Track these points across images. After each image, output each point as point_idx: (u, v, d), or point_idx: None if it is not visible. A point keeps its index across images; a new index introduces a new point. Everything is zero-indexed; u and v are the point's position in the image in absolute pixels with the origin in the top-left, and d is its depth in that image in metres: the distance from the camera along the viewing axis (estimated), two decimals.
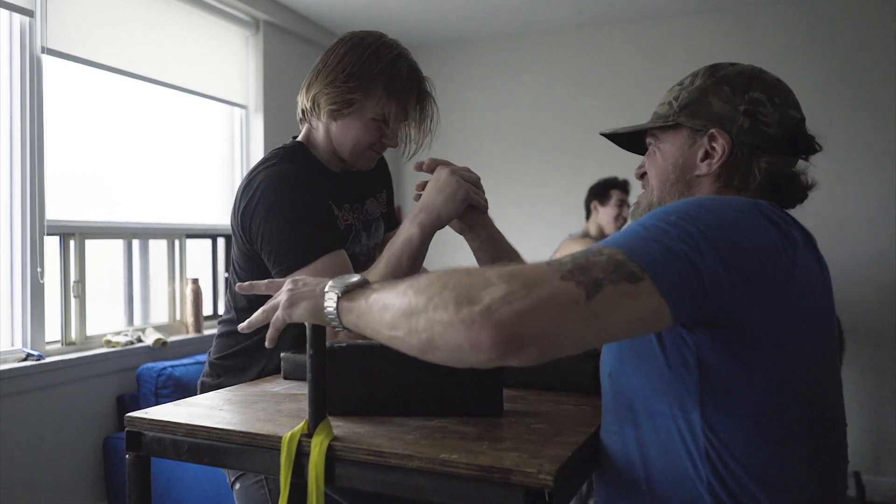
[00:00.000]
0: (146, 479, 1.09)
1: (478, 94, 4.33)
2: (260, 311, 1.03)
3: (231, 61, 3.49)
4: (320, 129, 1.46)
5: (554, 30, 4.16)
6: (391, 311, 0.82)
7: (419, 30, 4.12)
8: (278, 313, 0.99)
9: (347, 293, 0.91)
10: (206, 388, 1.46)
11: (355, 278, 0.93)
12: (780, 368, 0.85)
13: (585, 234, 3.45)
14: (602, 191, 3.42)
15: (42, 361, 2.45)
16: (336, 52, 1.40)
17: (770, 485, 0.84)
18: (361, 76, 1.37)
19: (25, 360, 2.43)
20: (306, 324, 0.96)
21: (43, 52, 2.53)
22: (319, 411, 0.96)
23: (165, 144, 3.18)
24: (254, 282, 1.10)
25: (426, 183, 1.38)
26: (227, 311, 1.51)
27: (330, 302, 0.92)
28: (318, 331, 0.96)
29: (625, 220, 3.37)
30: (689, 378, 0.85)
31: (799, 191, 1.01)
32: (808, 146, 1.00)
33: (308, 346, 0.96)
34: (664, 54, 3.88)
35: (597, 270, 0.75)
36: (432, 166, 1.38)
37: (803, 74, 3.58)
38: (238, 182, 3.58)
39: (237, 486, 1.37)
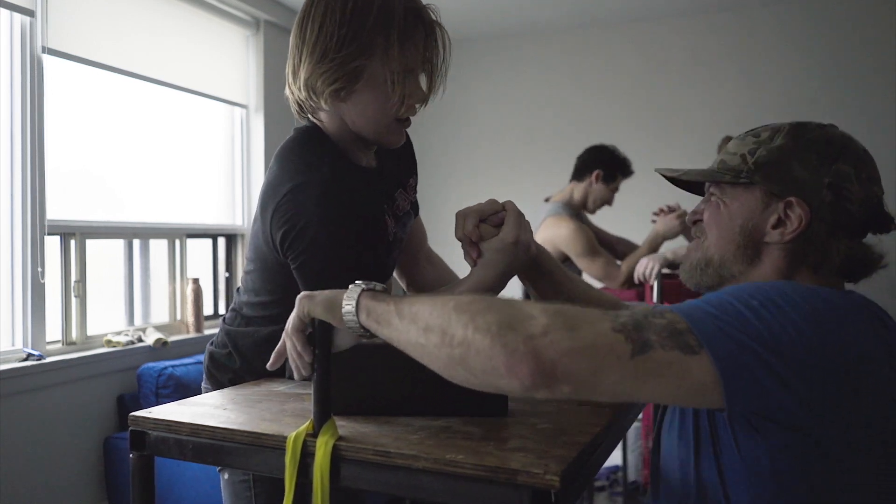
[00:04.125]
0: (150, 479, 1.09)
1: (478, 93, 4.33)
2: (279, 344, 0.97)
3: (231, 61, 3.49)
4: (330, 117, 1.22)
5: (554, 30, 4.16)
6: (424, 318, 0.81)
7: None
8: (298, 306, 0.94)
9: (371, 293, 0.89)
10: (215, 359, 1.32)
11: (381, 286, 0.92)
12: (842, 474, 0.79)
13: (568, 206, 2.97)
14: (610, 167, 3.00)
15: (42, 361, 2.45)
16: (310, 22, 1.19)
17: None
18: (355, 37, 1.14)
19: (26, 359, 2.43)
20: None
21: (43, 51, 2.52)
22: (324, 411, 0.96)
23: (166, 144, 3.18)
24: (275, 352, 1.00)
25: (479, 210, 1.16)
26: (233, 311, 1.34)
27: (350, 297, 0.90)
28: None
29: (604, 204, 3.01)
30: (761, 473, 0.82)
31: (870, 270, 0.96)
32: (885, 225, 0.94)
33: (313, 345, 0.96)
34: (664, 54, 3.87)
35: (651, 331, 0.75)
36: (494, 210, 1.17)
37: (803, 74, 3.58)
38: (238, 182, 3.59)
39: (225, 475, 1.29)
